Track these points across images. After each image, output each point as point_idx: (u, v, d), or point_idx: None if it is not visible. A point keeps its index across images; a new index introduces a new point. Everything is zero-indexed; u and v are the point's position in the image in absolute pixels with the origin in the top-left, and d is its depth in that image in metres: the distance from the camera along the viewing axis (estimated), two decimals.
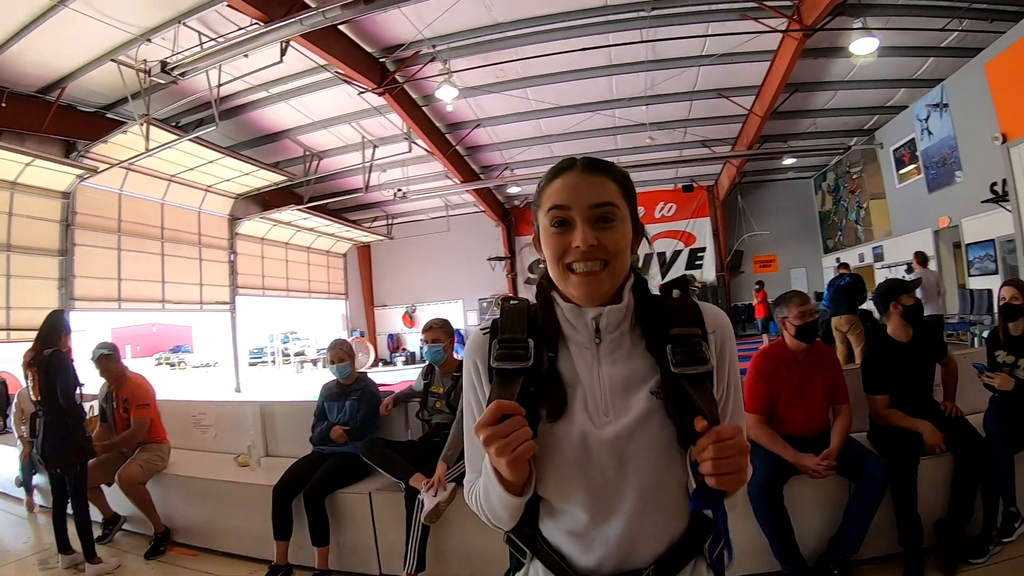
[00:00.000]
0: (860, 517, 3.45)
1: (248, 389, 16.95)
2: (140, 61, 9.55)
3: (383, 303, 24.80)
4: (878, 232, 17.74)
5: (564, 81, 12.71)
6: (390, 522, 3.95)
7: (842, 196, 20.16)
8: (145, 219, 14.37)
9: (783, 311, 3.79)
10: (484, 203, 20.49)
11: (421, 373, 4.52)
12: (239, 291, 17.55)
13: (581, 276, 1.16)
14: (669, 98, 13.93)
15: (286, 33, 8.65)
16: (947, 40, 11.54)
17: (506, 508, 1.14)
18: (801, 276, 22.06)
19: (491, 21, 10.39)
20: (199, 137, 11.55)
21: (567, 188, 1.19)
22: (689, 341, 1.16)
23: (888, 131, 16.18)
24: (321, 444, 4.40)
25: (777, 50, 11.61)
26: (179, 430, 5.48)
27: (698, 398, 1.08)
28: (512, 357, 1.17)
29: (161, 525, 4.69)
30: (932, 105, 13.57)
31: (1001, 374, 3.87)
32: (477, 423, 1.04)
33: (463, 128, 14.98)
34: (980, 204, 11.32)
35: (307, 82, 11.84)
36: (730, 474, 1.00)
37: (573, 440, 1.14)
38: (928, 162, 14.22)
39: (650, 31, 10.75)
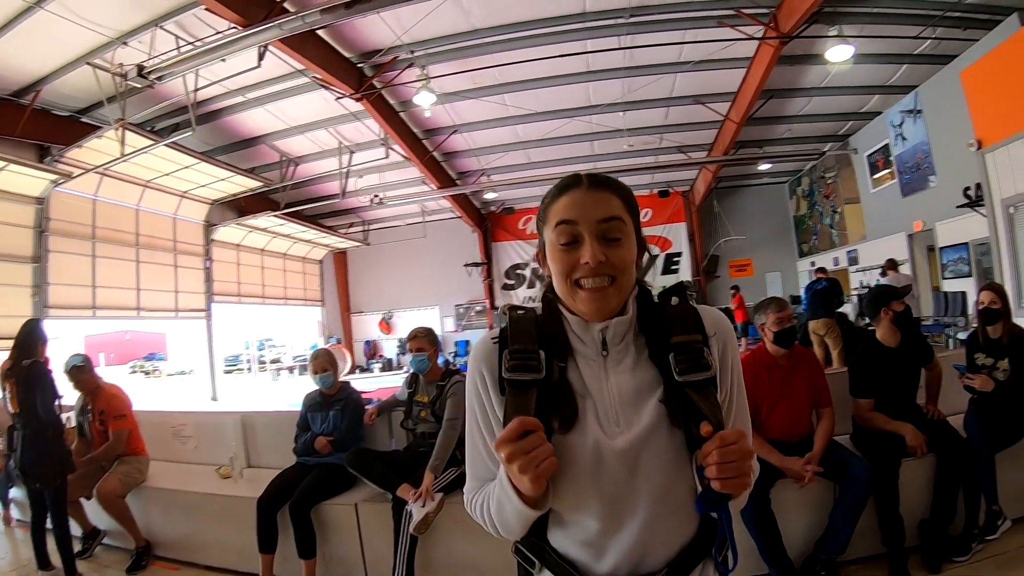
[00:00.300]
0: (846, 519, 3.50)
1: (225, 397, 16.71)
2: (116, 65, 9.38)
3: (359, 310, 24.57)
4: (853, 236, 17.92)
5: (541, 87, 12.70)
6: (377, 533, 3.92)
7: (817, 201, 20.34)
8: (120, 225, 14.13)
9: (761, 317, 3.85)
10: (460, 209, 20.43)
11: (405, 382, 4.47)
12: (215, 298, 17.30)
13: (590, 292, 1.17)
14: (646, 104, 13.98)
15: (265, 37, 8.56)
16: (921, 48, 11.71)
17: (521, 521, 1.15)
18: (776, 280, 22.23)
19: (469, 27, 10.37)
20: (175, 142, 11.35)
21: (574, 204, 1.20)
22: (690, 348, 1.19)
23: (862, 137, 16.36)
24: (305, 455, 4.35)
25: (753, 57, 11.72)
26: (158, 441, 5.37)
27: (702, 404, 1.12)
28: (525, 368, 1.18)
29: (142, 539, 4.60)
30: (906, 111, 13.74)
31: (981, 376, 3.96)
32: (499, 439, 1.05)
33: (440, 134, 14.93)
34: (954, 208, 11.48)
35: (284, 87, 11.74)
36: (734, 478, 1.03)
37: (586, 451, 1.15)
38: (902, 167, 14.39)
39: (628, 38, 10.77)
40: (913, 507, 3.70)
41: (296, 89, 11.79)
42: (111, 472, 4.66)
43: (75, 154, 11.25)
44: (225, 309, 18.12)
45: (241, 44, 8.64)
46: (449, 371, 4.34)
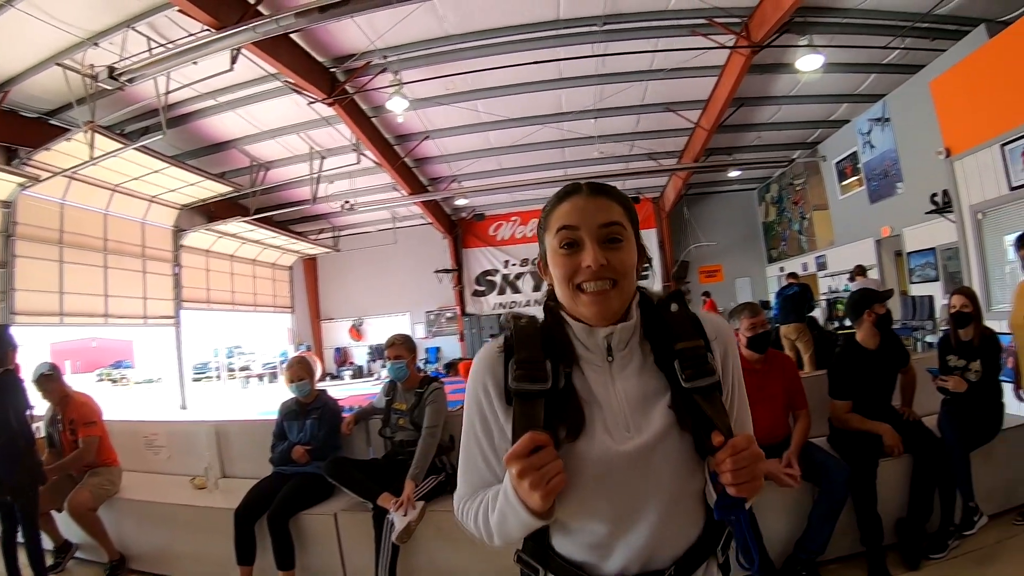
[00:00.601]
0: (825, 519, 3.58)
1: (194, 406, 16.46)
2: (87, 66, 9.16)
3: (329, 316, 24.38)
4: (821, 242, 18.12)
5: (514, 94, 12.71)
6: (356, 543, 3.89)
7: (786, 207, 20.55)
8: (88, 230, 13.82)
9: (735, 323, 3.90)
10: (431, 215, 20.36)
11: (383, 390, 4.45)
12: (183, 304, 17.03)
13: (592, 295, 1.19)
14: (617, 111, 14.03)
15: (238, 40, 8.44)
16: (889, 57, 11.90)
17: (525, 531, 1.16)
18: (746, 285, 22.43)
19: (443, 33, 10.33)
20: (145, 146, 11.18)
21: (575, 210, 1.23)
22: (695, 354, 1.21)
23: (831, 144, 16.58)
24: (282, 464, 4.30)
25: (725, 66, 11.82)
26: (130, 452, 5.25)
27: (710, 411, 1.15)
28: (532, 378, 1.18)
29: (116, 552, 4.49)
30: (874, 120, 13.95)
31: (954, 377, 4.09)
32: (509, 454, 1.06)
33: (412, 140, 14.86)
34: (921, 214, 11.67)
35: (256, 91, 11.60)
36: (749, 482, 1.06)
37: (594, 458, 1.16)
38: (870, 174, 14.60)
39: (601, 46, 10.83)
40: (890, 506, 3.79)
41: (268, 93, 11.67)
42: (82, 484, 4.55)
43: (43, 157, 10.96)
44: (194, 316, 17.84)
45: (214, 47, 8.51)
46: (427, 378, 4.33)
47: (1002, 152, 6.51)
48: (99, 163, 11.06)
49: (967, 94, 7.22)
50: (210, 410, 15.58)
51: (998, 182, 6.61)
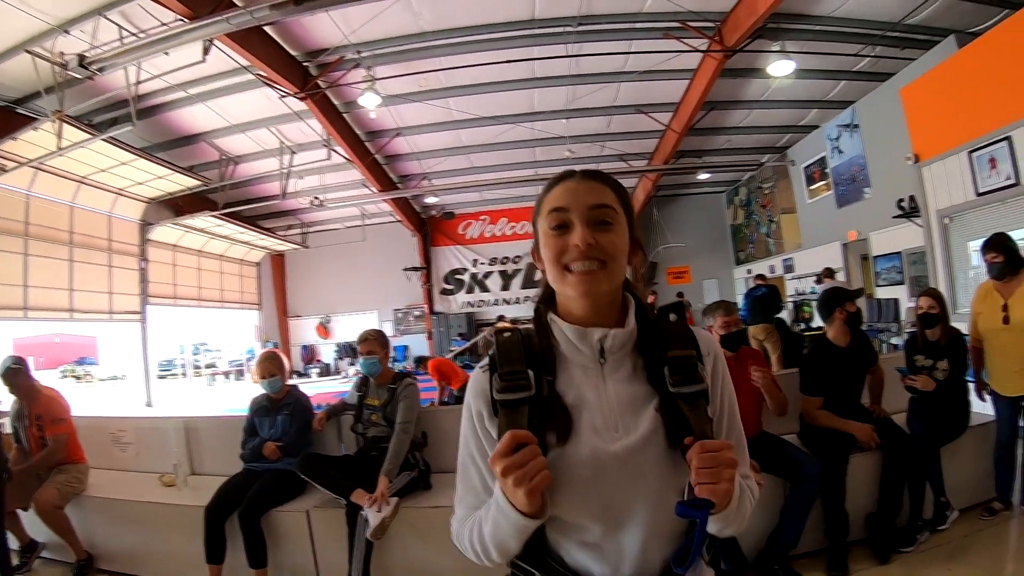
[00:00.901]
0: (797, 515, 3.65)
1: (159, 403, 16.19)
2: (57, 53, 8.91)
3: (297, 313, 24.22)
4: (788, 245, 18.36)
5: (486, 92, 12.72)
6: (329, 540, 3.86)
7: (754, 210, 20.78)
8: (53, 222, 13.54)
9: (709, 320, 3.96)
10: (401, 213, 20.33)
11: (355, 385, 4.43)
12: (149, 300, 16.75)
13: (579, 275, 1.19)
14: (589, 112, 14.12)
15: (211, 31, 8.32)
16: (859, 65, 12.12)
17: (519, 535, 1.14)
18: (713, 287, 22.65)
19: (418, 29, 10.30)
20: (113, 137, 10.96)
21: (567, 192, 1.24)
22: (685, 362, 1.21)
23: (800, 149, 16.80)
24: (253, 461, 4.25)
25: (697, 69, 11.93)
26: (97, 449, 5.15)
27: (691, 415, 1.16)
28: (515, 388, 1.19)
29: (83, 551, 4.39)
30: (843, 125, 14.16)
31: (923, 376, 4.21)
32: (493, 455, 1.07)
33: (383, 136, 14.81)
34: (887, 219, 11.90)
35: (227, 84, 11.45)
36: (712, 484, 1.06)
37: (584, 459, 1.16)
38: (838, 179, 14.82)
39: (575, 46, 10.87)
40: (858, 502, 3.86)
41: (239, 86, 11.54)
42: (49, 482, 4.43)
43: (9, 146, 10.66)
44: (160, 311, 17.59)
45: (187, 37, 8.38)
46: (400, 374, 4.31)
47: (970, 159, 6.66)
48: (66, 154, 10.87)
49: (937, 102, 7.38)
50: (176, 408, 15.33)
51: (965, 188, 6.77)
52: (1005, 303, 4.18)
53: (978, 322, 4.39)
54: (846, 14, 10.22)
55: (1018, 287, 4.17)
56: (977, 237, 6.81)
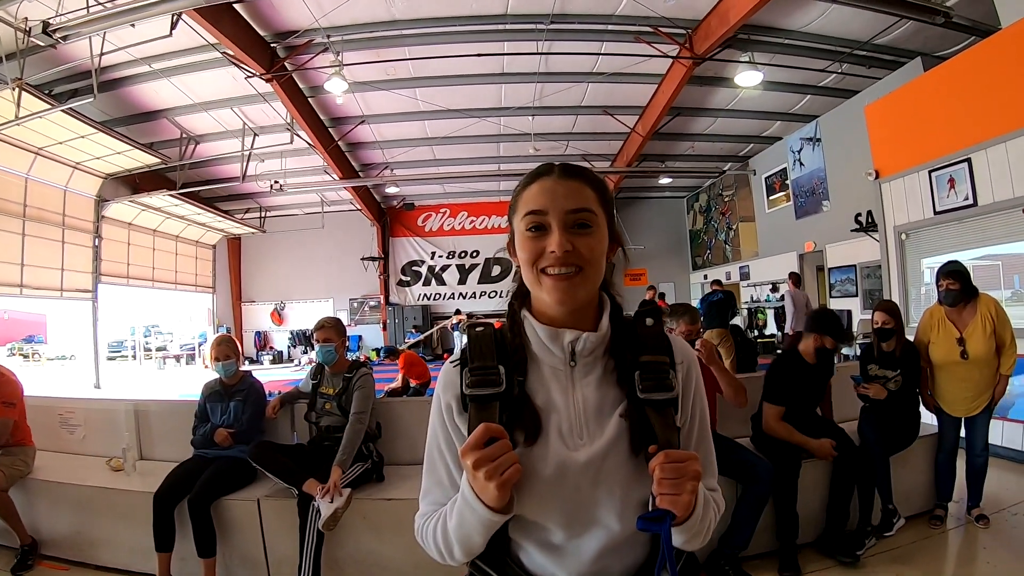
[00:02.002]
0: (749, 516, 3.72)
1: (108, 385, 15.76)
2: (20, 19, 8.60)
3: (251, 299, 23.91)
4: (746, 253, 18.65)
5: (454, 85, 12.72)
6: (280, 530, 3.81)
7: (713, 217, 21.06)
8: (6, 194, 13.10)
9: (673, 323, 3.97)
10: (361, 201, 20.21)
11: (309, 373, 4.40)
12: (102, 279, 16.31)
13: (555, 280, 1.16)
14: (556, 111, 14.18)
15: (180, 5, 8.18)
16: (825, 80, 12.37)
17: (484, 530, 1.14)
18: (669, 291, 22.83)
19: (389, 17, 10.23)
20: (73, 108, 10.67)
21: (544, 193, 1.20)
22: (657, 368, 1.20)
23: (762, 159, 17.08)
24: (203, 447, 4.19)
25: (665, 74, 12.08)
26: (44, 430, 4.96)
27: (657, 423, 1.14)
28: (485, 383, 1.17)
29: (28, 537, 4.23)
30: (806, 139, 14.44)
31: (875, 385, 4.32)
32: (464, 446, 1.05)
33: (347, 123, 14.71)
34: (844, 232, 12.18)
35: (193, 60, 11.21)
36: (674, 495, 1.05)
37: (548, 463, 1.15)
38: (798, 190, 15.10)
39: (546, 44, 10.88)
40: (809, 504, 3.97)
41: (205, 64, 11.32)
42: None
43: None
44: (112, 291, 17.21)
45: (155, 10, 8.21)
46: (356, 363, 4.28)
47: (930, 178, 6.82)
48: (24, 123, 10.47)
49: (900, 121, 7.54)
50: (125, 390, 15.07)
51: (923, 206, 6.92)
52: (961, 335, 4.28)
53: (931, 351, 4.47)
54: (816, 30, 10.43)
55: (971, 318, 4.29)
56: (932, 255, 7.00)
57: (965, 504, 4.46)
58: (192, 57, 11.10)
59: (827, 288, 14.00)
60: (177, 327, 25.74)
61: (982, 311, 4.26)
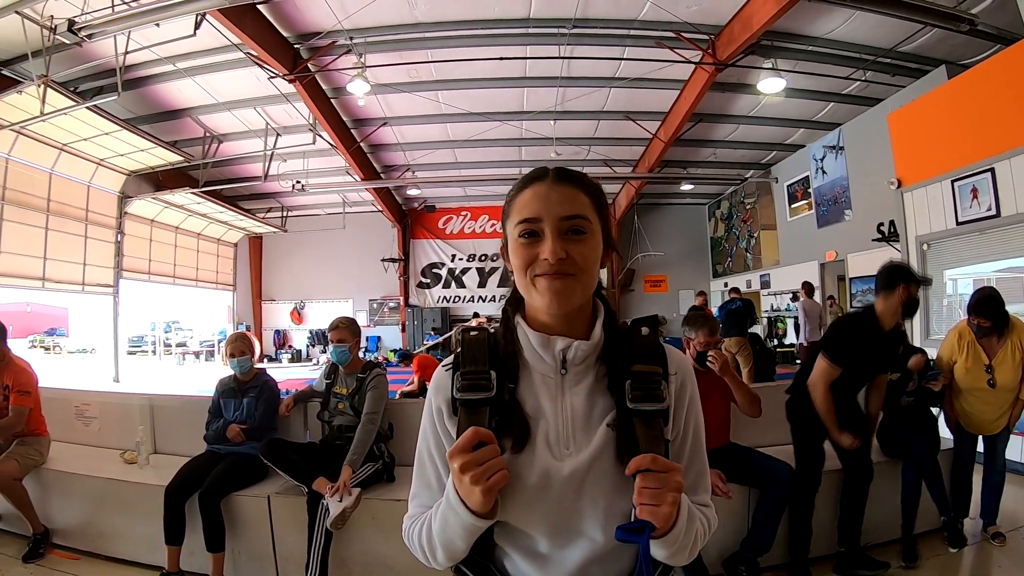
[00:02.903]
0: (769, 520, 3.69)
1: (128, 379, 15.99)
2: (47, 17, 8.77)
3: (271, 297, 24.03)
4: (767, 261, 18.50)
5: (477, 88, 12.70)
6: (289, 527, 3.83)
7: (734, 224, 20.92)
8: (31, 188, 13.28)
9: (692, 332, 3.90)
10: (382, 203, 20.27)
11: (323, 372, 4.41)
12: (123, 274, 16.52)
13: (548, 287, 1.14)
14: (578, 115, 14.14)
15: (204, 5, 8.25)
16: (849, 88, 12.30)
17: (467, 535, 1.13)
18: (689, 298, 22.70)
19: (412, 19, 10.25)
20: (97, 106, 10.79)
21: (538, 199, 1.18)
22: (648, 379, 1.18)
23: (784, 167, 16.94)
24: (216, 443, 4.21)
25: (688, 80, 12.01)
26: (59, 421, 5.06)
27: (643, 435, 1.13)
28: (475, 388, 1.17)
29: (40, 525, 4.30)
30: (829, 147, 14.32)
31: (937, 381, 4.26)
32: (452, 449, 1.05)
33: (369, 125, 14.75)
34: (866, 241, 12.06)
35: (216, 60, 11.30)
36: (653, 505, 1.03)
37: (534, 471, 1.15)
38: (820, 199, 14.97)
39: (568, 48, 10.85)
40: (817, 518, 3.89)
41: (228, 64, 11.40)
42: (8, 453, 4.34)
43: None
44: (133, 287, 17.38)
45: (179, 9, 8.30)
46: (370, 364, 4.28)
47: (952, 188, 6.74)
48: (49, 119, 10.66)
49: (923, 130, 7.46)
50: (144, 384, 15.19)
51: (946, 216, 6.85)
52: (990, 363, 4.15)
53: (957, 373, 4.31)
54: (840, 37, 10.34)
55: (1001, 348, 4.14)
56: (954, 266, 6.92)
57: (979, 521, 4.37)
58: (216, 57, 11.18)
59: (848, 298, 13.87)
60: (197, 324, 25.95)
61: (1013, 339, 4.11)
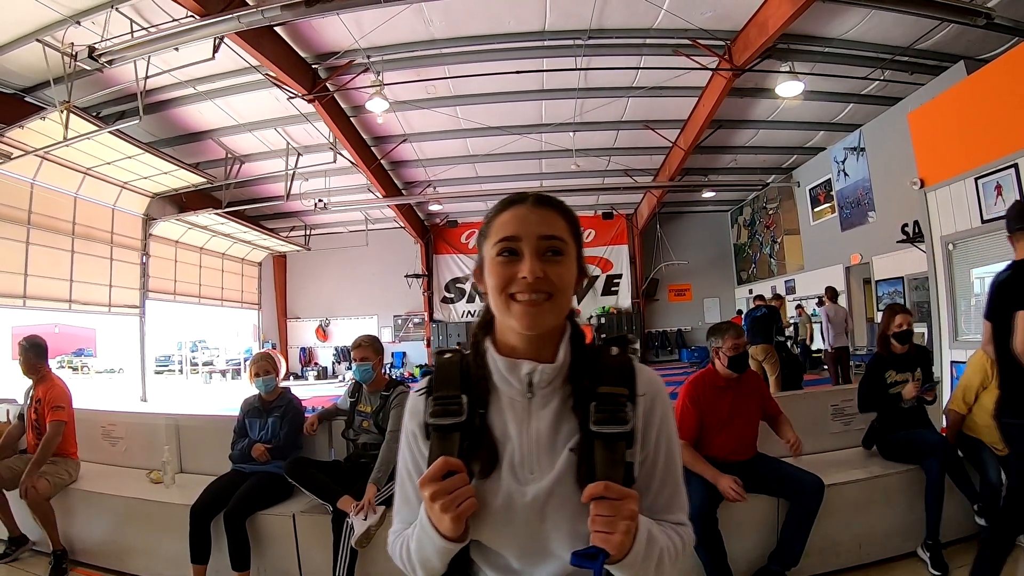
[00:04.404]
0: (798, 532, 3.62)
1: (155, 398, 16.18)
2: (67, 44, 8.97)
3: (296, 315, 24.23)
4: (791, 266, 18.39)
5: (495, 102, 12.75)
6: (314, 545, 3.82)
7: (757, 230, 20.81)
8: (57, 212, 13.54)
9: (717, 341, 3.88)
10: (404, 219, 20.34)
11: (347, 391, 4.40)
12: (149, 295, 16.75)
13: (524, 306, 1.16)
14: (596, 126, 14.17)
15: (222, 29, 8.35)
16: (868, 88, 12.20)
17: (442, 556, 1.16)
18: (714, 306, 22.72)
19: (429, 36, 10.34)
20: (120, 130, 10.97)
21: (517, 219, 1.20)
22: (613, 400, 1.17)
23: (805, 171, 16.85)
24: (241, 462, 4.22)
25: (706, 87, 12.00)
26: (87, 441, 5.08)
27: (602, 459, 1.13)
28: (446, 413, 1.19)
29: (60, 543, 4.34)
30: (850, 148, 14.22)
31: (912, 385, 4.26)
32: (423, 478, 1.09)
33: (389, 142, 14.85)
34: (890, 243, 11.94)
35: (236, 82, 11.48)
36: (605, 532, 1.04)
37: (499, 496, 1.17)
38: (842, 202, 14.86)
39: (584, 59, 10.88)
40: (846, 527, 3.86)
41: (248, 85, 11.56)
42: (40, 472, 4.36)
43: (16, 134, 10.68)
44: (159, 307, 17.63)
45: (197, 34, 8.41)
46: (393, 381, 4.28)
47: (976, 185, 6.63)
48: (72, 144, 10.87)
49: (944, 127, 7.36)
50: (171, 404, 15.37)
51: (970, 214, 6.73)
52: None
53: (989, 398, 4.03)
54: (856, 37, 10.28)
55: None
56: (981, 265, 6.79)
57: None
58: (235, 79, 11.35)
59: (874, 301, 13.73)
60: (223, 342, 26.17)
61: None
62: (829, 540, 3.81)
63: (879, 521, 3.97)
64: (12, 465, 4.51)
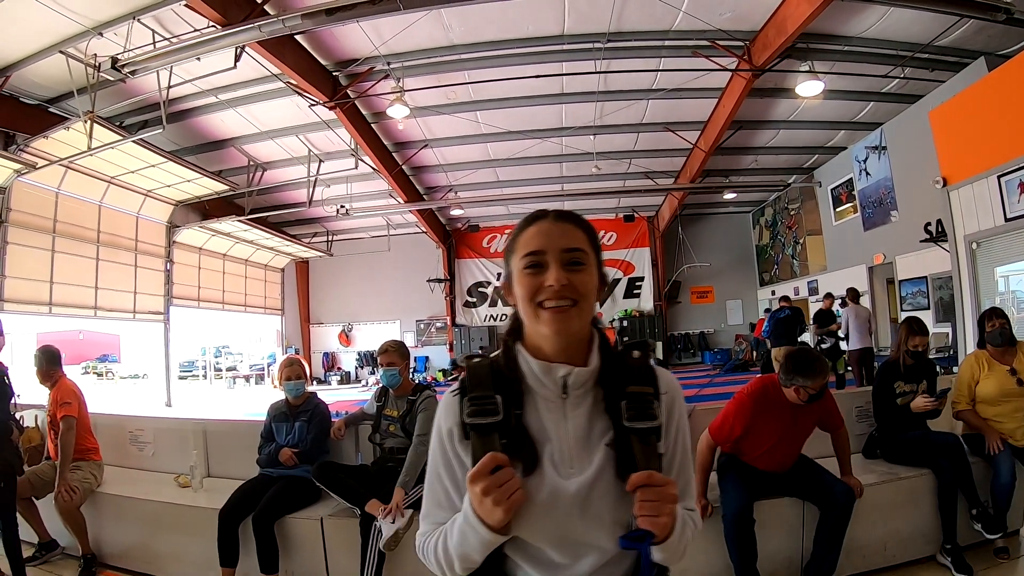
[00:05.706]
0: (830, 543, 3.58)
1: (179, 404, 16.35)
2: (90, 55, 9.12)
3: (319, 320, 24.38)
4: (813, 267, 18.27)
5: (515, 106, 12.77)
6: (342, 549, 3.84)
7: (779, 231, 20.69)
8: (82, 221, 13.74)
9: (797, 380, 3.51)
10: (426, 224, 20.39)
11: (374, 395, 4.41)
12: (173, 301, 16.95)
13: (552, 312, 1.24)
14: (617, 129, 14.16)
15: (243, 38, 8.42)
16: (888, 86, 12.09)
17: (485, 548, 1.21)
18: (737, 308, 22.61)
19: (448, 42, 10.38)
20: (143, 139, 11.08)
21: (541, 234, 1.30)
22: (642, 399, 1.28)
23: (827, 170, 16.74)
24: (269, 466, 4.24)
25: (725, 88, 11.96)
26: (115, 447, 5.20)
27: (640, 451, 1.23)
28: (483, 412, 1.25)
29: (89, 548, 4.42)
30: (871, 147, 14.10)
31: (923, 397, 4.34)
32: (472, 473, 1.15)
33: (410, 148, 14.89)
34: (913, 242, 11.85)
35: (257, 91, 11.60)
36: (653, 516, 1.14)
37: (543, 490, 1.23)
38: (865, 201, 14.74)
39: (604, 62, 10.88)
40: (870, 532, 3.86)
41: (269, 93, 11.66)
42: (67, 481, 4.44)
43: (41, 144, 10.86)
44: (183, 313, 17.81)
45: (219, 43, 8.49)
46: (420, 386, 4.29)
47: (999, 183, 6.58)
48: (96, 154, 11.04)
49: (966, 125, 7.30)
50: (195, 409, 15.48)
51: (993, 212, 6.68)
52: (1012, 367, 4.23)
53: (982, 388, 4.30)
54: (875, 35, 10.20)
55: (1016, 354, 4.28)
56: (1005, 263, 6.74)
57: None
58: (257, 87, 11.46)
59: (898, 301, 13.61)
60: (247, 348, 26.35)
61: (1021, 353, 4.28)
62: (855, 542, 3.77)
63: (904, 523, 3.96)
64: (40, 472, 4.58)
